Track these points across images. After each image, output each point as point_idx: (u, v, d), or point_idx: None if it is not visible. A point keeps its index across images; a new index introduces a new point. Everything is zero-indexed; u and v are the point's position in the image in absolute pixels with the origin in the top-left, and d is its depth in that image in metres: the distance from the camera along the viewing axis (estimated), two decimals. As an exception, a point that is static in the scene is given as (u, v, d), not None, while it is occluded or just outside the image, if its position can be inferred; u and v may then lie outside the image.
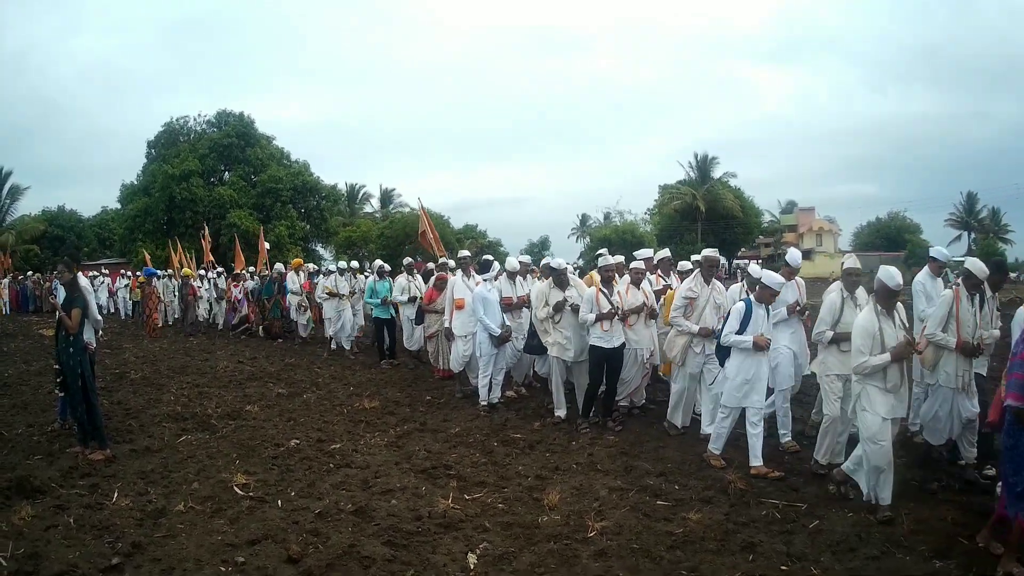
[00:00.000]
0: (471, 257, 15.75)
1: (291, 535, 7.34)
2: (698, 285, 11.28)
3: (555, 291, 12.63)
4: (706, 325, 11.10)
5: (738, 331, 9.71)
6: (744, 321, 9.73)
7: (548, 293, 12.71)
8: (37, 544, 7.03)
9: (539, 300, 12.87)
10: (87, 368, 10.27)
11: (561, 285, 12.65)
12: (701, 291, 11.24)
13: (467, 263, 15.42)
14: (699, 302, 11.22)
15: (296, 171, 65.71)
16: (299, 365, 19.31)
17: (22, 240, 69.31)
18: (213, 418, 12.62)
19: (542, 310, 12.67)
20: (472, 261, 15.70)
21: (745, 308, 9.78)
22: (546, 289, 12.83)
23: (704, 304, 11.20)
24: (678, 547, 7.18)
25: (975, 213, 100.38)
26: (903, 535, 7.43)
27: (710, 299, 11.23)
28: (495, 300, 13.77)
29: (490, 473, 9.59)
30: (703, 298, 11.21)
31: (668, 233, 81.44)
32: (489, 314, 13.48)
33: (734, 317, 9.84)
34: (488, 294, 13.69)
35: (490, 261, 16.22)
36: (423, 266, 20.64)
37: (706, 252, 11.66)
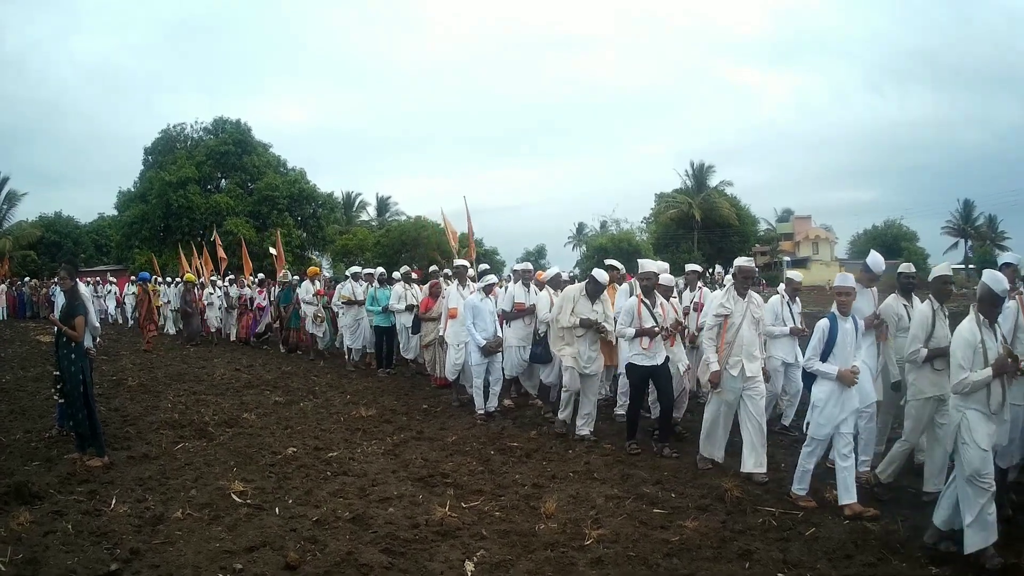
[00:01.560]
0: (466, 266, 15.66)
1: (289, 542, 7.35)
2: (731, 300, 10.11)
3: (584, 301, 12.00)
4: (743, 343, 9.94)
5: (823, 353, 8.72)
6: (829, 341, 8.69)
7: (576, 301, 12.05)
8: (35, 550, 7.05)
9: (567, 304, 12.11)
10: (88, 375, 10.35)
11: (593, 297, 12.02)
12: (735, 306, 10.07)
13: (463, 272, 15.54)
14: (734, 319, 10.03)
15: (293, 179, 65.64)
16: (296, 373, 19.33)
17: (19, 246, 69.26)
18: (210, 426, 12.62)
19: (568, 318, 11.96)
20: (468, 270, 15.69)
21: (829, 325, 8.72)
22: (575, 295, 12.14)
23: (740, 321, 10.01)
24: (675, 555, 7.19)
25: (972, 220, 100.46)
26: (899, 542, 7.48)
27: (747, 314, 10.06)
28: (487, 310, 13.63)
29: (487, 481, 9.60)
30: (738, 314, 10.04)
31: (664, 242, 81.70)
32: (479, 324, 13.43)
33: (817, 337, 8.78)
34: (479, 303, 13.58)
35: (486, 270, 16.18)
36: (421, 274, 20.63)
37: (740, 262, 10.47)
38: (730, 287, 10.35)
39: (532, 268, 15.39)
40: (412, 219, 77.04)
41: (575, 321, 11.87)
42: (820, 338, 8.72)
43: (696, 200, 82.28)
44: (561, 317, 12.12)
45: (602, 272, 12.15)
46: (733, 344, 9.97)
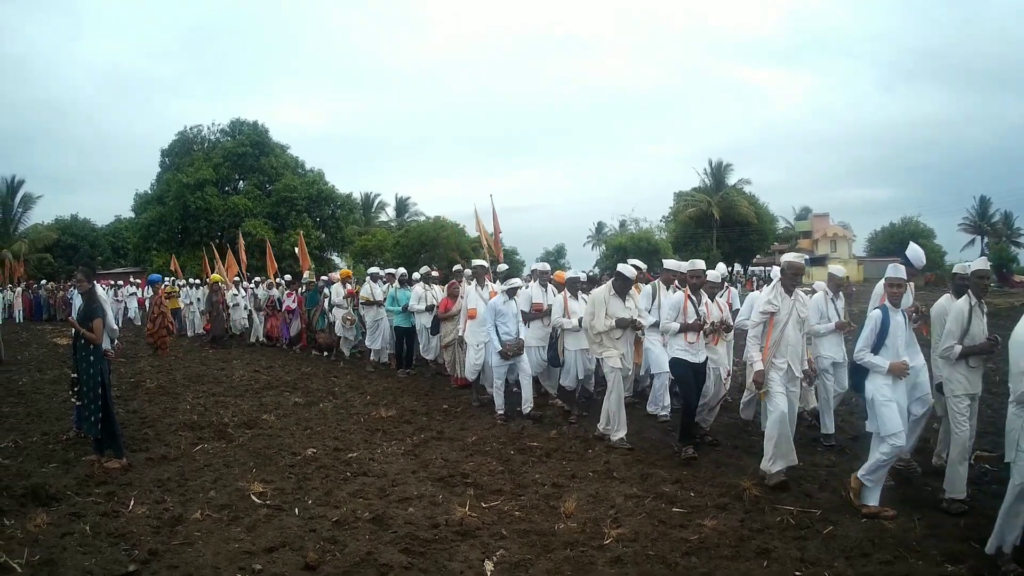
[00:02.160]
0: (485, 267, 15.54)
1: (308, 543, 7.35)
2: (778, 297, 9.65)
3: (615, 300, 11.74)
4: (789, 343, 9.57)
5: (875, 346, 8.48)
6: (881, 333, 8.48)
7: (608, 302, 11.74)
8: (53, 551, 7.05)
9: (598, 308, 11.75)
10: (107, 377, 10.36)
11: (623, 294, 11.78)
12: (782, 303, 9.62)
13: (481, 272, 15.37)
14: (780, 317, 9.60)
15: (311, 180, 65.57)
16: (316, 374, 19.32)
17: (35, 249, 69.53)
18: (229, 427, 12.62)
19: (604, 321, 11.61)
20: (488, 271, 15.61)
21: (881, 317, 8.51)
22: (605, 296, 11.81)
23: (786, 319, 9.59)
24: (693, 553, 7.17)
25: (988, 217, 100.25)
26: (915, 540, 7.46)
27: (793, 312, 9.62)
28: (510, 312, 13.44)
29: (507, 481, 9.58)
30: (784, 312, 9.59)
31: (683, 240, 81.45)
32: (501, 327, 13.35)
33: (868, 329, 8.53)
34: (502, 306, 13.42)
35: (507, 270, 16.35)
36: (441, 274, 20.59)
37: (789, 257, 9.95)
38: (776, 283, 9.89)
39: (550, 268, 15.35)
40: (431, 219, 77.02)
41: (611, 324, 11.59)
42: (872, 329, 8.51)
43: (715, 199, 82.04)
44: (596, 323, 11.72)
45: (628, 266, 12.02)
46: (779, 344, 9.61)
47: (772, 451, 9.35)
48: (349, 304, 21.29)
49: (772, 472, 9.26)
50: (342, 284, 21.89)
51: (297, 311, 24.64)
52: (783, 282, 9.75)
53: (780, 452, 9.33)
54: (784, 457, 9.36)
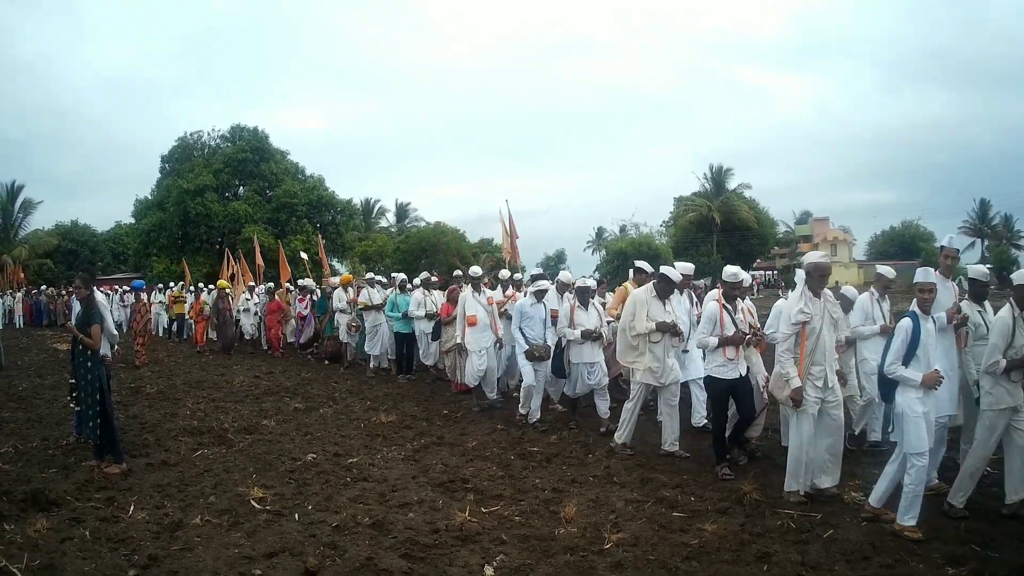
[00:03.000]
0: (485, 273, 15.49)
1: (308, 548, 7.35)
2: (808, 303, 8.83)
3: (656, 303, 11.09)
4: (825, 350, 8.80)
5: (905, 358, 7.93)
6: (912, 343, 7.92)
7: (649, 304, 11.06)
8: (53, 556, 7.06)
9: (639, 309, 11.05)
10: (105, 382, 10.35)
11: (664, 297, 11.16)
12: (813, 309, 8.82)
13: (478, 280, 15.45)
14: (813, 324, 8.79)
15: (311, 186, 65.56)
16: (316, 379, 19.34)
17: (35, 254, 69.59)
18: (229, 432, 12.63)
19: (644, 323, 10.91)
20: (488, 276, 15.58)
21: (912, 325, 7.96)
22: (646, 298, 11.13)
23: (820, 325, 8.81)
24: (694, 558, 7.17)
25: (988, 220, 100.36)
26: (916, 543, 7.45)
27: (825, 316, 8.87)
28: (537, 316, 13.23)
29: (507, 486, 9.59)
30: (817, 317, 8.80)
31: (684, 245, 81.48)
32: (527, 329, 13.19)
33: (899, 340, 7.97)
34: (529, 308, 13.26)
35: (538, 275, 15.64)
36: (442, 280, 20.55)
37: (814, 257, 9.14)
38: (803, 288, 8.99)
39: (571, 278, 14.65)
40: (431, 225, 77.12)
41: (651, 326, 10.89)
42: (903, 340, 7.94)
43: (715, 203, 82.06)
44: (636, 324, 11.04)
45: (673, 269, 11.39)
46: (815, 352, 8.81)
47: (792, 469, 8.90)
48: (353, 310, 21.09)
49: (790, 491, 8.88)
50: (344, 289, 21.71)
51: (310, 317, 24.22)
52: (809, 285, 8.95)
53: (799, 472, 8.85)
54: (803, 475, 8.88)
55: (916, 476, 7.69)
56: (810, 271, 8.95)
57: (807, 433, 8.80)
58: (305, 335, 24.54)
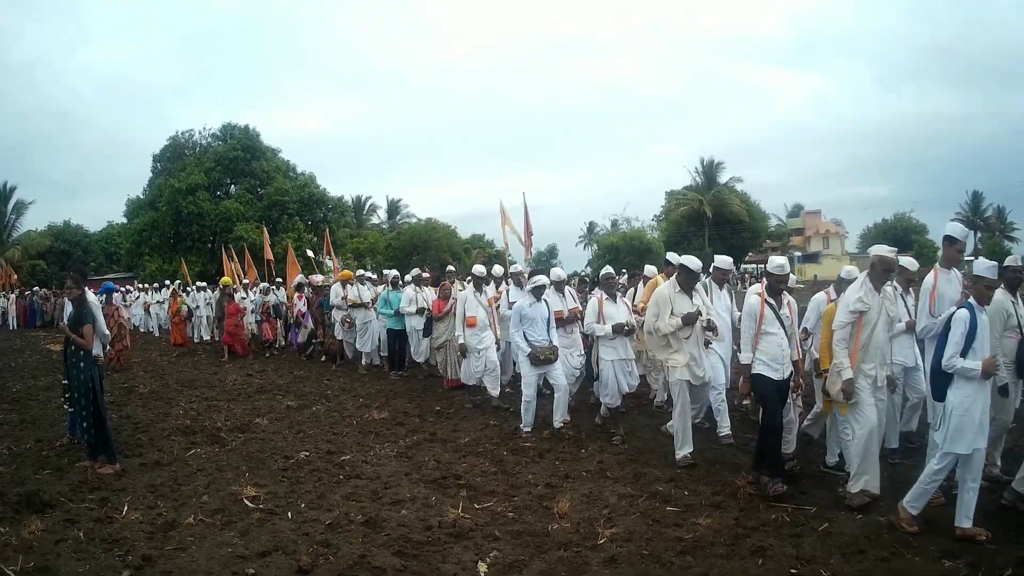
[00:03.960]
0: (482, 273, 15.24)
1: (301, 546, 7.36)
2: (868, 295, 8.52)
3: (681, 297, 10.39)
4: (879, 345, 8.57)
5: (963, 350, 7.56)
6: (970, 336, 7.57)
7: (672, 299, 10.36)
8: (47, 558, 7.07)
9: (663, 307, 10.37)
10: (97, 382, 10.34)
11: (688, 289, 10.44)
12: (872, 301, 8.54)
13: (479, 279, 15.07)
14: (869, 316, 8.51)
15: (302, 183, 65.54)
16: (308, 377, 19.35)
17: (28, 255, 69.57)
18: (222, 431, 12.65)
19: (670, 321, 10.21)
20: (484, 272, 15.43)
21: (969, 317, 7.60)
22: (669, 294, 10.41)
23: (876, 319, 8.54)
24: (688, 552, 7.18)
25: (980, 212, 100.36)
26: (912, 536, 7.44)
27: (882, 311, 8.59)
28: (539, 316, 12.33)
29: (500, 482, 9.59)
30: (875, 311, 8.52)
31: (675, 239, 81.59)
32: (529, 332, 12.28)
33: (958, 333, 7.59)
34: (527, 308, 12.39)
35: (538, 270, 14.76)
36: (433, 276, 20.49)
37: (880, 250, 8.72)
38: (864, 279, 8.68)
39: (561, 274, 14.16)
40: (423, 222, 77.23)
41: (676, 323, 10.17)
42: (962, 332, 7.55)
43: (707, 197, 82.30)
44: (660, 324, 10.30)
45: (693, 258, 10.60)
46: (868, 347, 8.53)
47: (857, 468, 8.45)
48: (347, 306, 20.85)
49: (853, 492, 8.44)
50: (340, 286, 21.37)
51: (308, 315, 23.64)
52: (871, 277, 8.62)
53: (866, 469, 8.42)
54: (870, 474, 8.45)
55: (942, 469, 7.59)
56: (875, 263, 8.65)
57: (871, 422, 8.44)
58: (302, 335, 24.08)
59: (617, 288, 12.86)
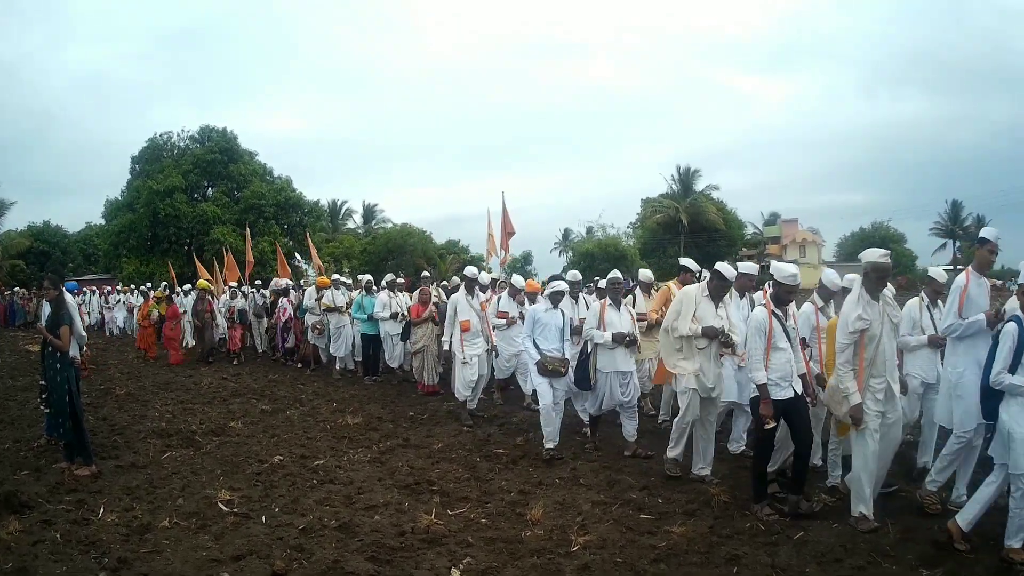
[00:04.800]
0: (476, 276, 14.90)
1: (275, 551, 7.38)
2: (867, 308, 7.93)
3: (707, 304, 9.80)
4: (886, 358, 8.04)
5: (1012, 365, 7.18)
6: (1018, 351, 7.19)
7: (698, 302, 9.79)
8: (24, 559, 7.08)
9: (686, 308, 9.81)
10: (74, 384, 10.36)
11: (717, 298, 9.83)
12: (872, 314, 7.93)
13: (472, 282, 14.69)
14: (873, 331, 7.91)
15: (279, 187, 65.46)
16: (282, 382, 19.34)
17: (8, 255, 69.21)
18: (197, 434, 12.65)
19: (689, 325, 9.68)
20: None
21: (1018, 331, 7.22)
22: (696, 297, 9.84)
23: (880, 331, 7.97)
24: (662, 560, 7.20)
25: (960, 221, 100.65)
26: (889, 544, 7.46)
27: (885, 320, 8.04)
28: (553, 324, 11.55)
29: (473, 488, 9.62)
30: (876, 323, 7.93)
31: (651, 247, 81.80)
32: (541, 340, 11.50)
33: (1006, 348, 7.22)
34: (542, 314, 11.60)
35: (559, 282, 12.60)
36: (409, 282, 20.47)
37: (873, 256, 8.08)
38: (860, 291, 8.06)
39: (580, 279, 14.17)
40: (398, 226, 77.14)
41: (696, 330, 9.64)
42: (1010, 347, 7.19)
43: (683, 204, 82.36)
44: (680, 324, 9.81)
45: (727, 266, 9.99)
46: (875, 361, 8.01)
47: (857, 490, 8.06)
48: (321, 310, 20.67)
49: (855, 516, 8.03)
50: (315, 291, 21.25)
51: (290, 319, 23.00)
52: (867, 286, 8.05)
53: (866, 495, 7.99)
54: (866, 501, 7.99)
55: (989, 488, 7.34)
56: (867, 271, 8.09)
57: (870, 449, 7.98)
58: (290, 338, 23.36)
59: (623, 295, 12.06)
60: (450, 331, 14.26)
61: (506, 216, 21.20)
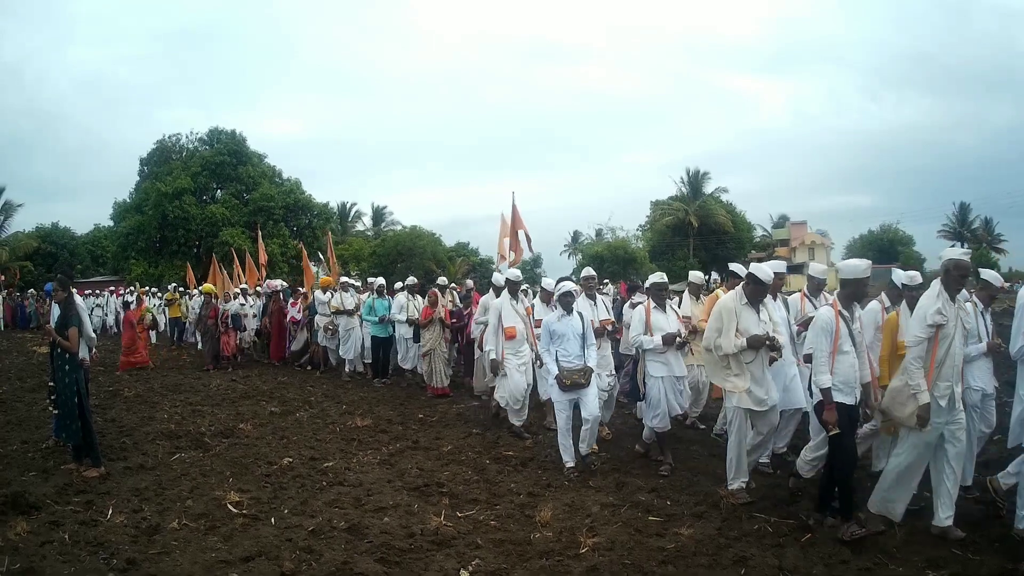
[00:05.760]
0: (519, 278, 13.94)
1: (284, 552, 7.37)
2: (946, 305, 7.65)
3: (747, 312, 9.12)
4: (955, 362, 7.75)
5: None
6: None
7: (738, 312, 9.09)
8: (32, 560, 7.07)
9: (727, 322, 9.08)
10: (82, 385, 10.39)
11: (756, 303, 9.18)
12: (949, 312, 7.67)
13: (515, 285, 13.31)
14: (947, 330, 7.65)
15: (288, 189, 65.73)
16: (292, 384, 19.30)
17: (15, 257, 69.15)
18: (206, 436, 12.63)
19: (734, 341, 8.95)
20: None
21: None
22: (735, 307, 9.13)
23: (953, 332, 7.71)
24: (670, 562, 7.19)
25: (968, 223, 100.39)
26: (896, 546, 7.45)
27: (958, 323, 7.77)
28: (570, 331, 10.70)
29: (482, 490, 9.62)
30: (952, 323, 7.68)
31: (660, 249, 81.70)
32: (563, 349, 10.70)
33: None
34: (556, 323, 10.80)
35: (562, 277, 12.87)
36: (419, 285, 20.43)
37: (953, 255, 7.87)
38: (940, 289, 7.77)
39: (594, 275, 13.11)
40: (408, 229, 77.16)
41: (741, 344, 8.91)
42: None
43: (692, 207, 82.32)
44: (723, 342, 9.05)
45: (763, 268, 9.30)
46: (944, 364, 7.71)
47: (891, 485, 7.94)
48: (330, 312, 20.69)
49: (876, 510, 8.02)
50: (323, 293, 21.29)
51: (303, 322, 22.97)
52: (946, 285, 7.75)
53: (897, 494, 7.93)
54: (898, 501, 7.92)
55: None
56: (948, 269, 7.77)
57: (910, 458, 7.80)
58: (297, 342, 23.44)
59: (668, 296, 11.38)
60: (494, 340, 12.90)
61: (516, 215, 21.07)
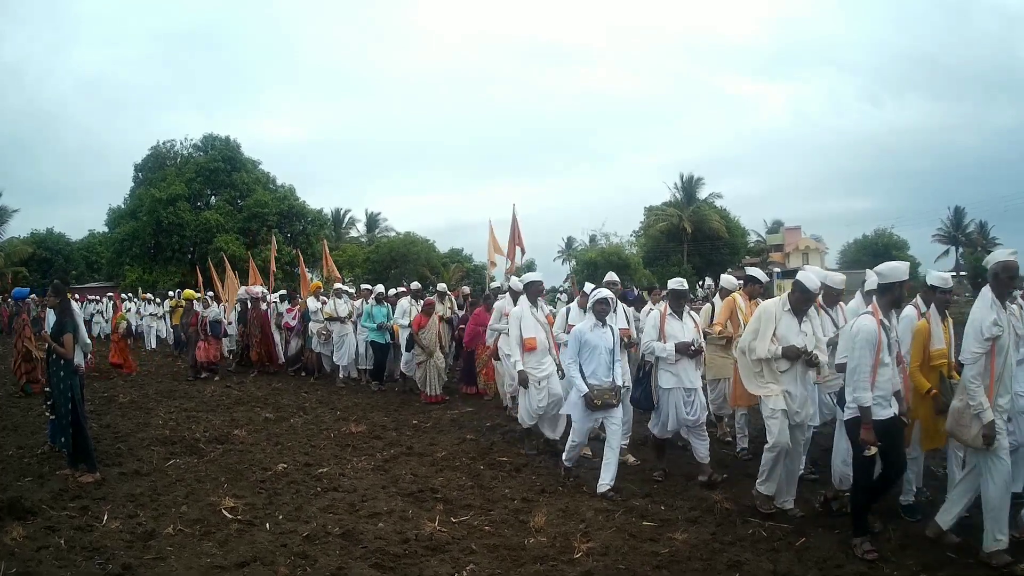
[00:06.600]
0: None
1: (279, 558, 7.38)
2: (999, 314, 7.14)
3: (789, 319, 8.63)
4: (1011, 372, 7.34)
5: None
6: None
7: (778, 319, 8.64)
8: (29, 565, 7.08)
9: (764, 326, 8.67)
10: (77, 391, 10.39)
11: (800, 312, 8.63)
12: (1003, 319, 7.15)
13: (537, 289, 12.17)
14: (1003, 340, 7.14)
15: (282, 196, 65.82)
16: (286, 390, 19.32)
17: (10, 262, 69.20)
18: (201, 442, 12.64)
19: (769, 347, 8.55)
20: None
21: None
22: (776, 312, 8.69)
23: (1007, 342, 7.22)
24: (664, 567, 7.20)
25: (963, 228, 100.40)
26: (891, 551, 7.47)
27: (1010, 329, 7.27)
28: (603, 343, 10.01)
29: (476, 496, 9.62)
30: (1006, 332, 7.17)
31: (654, 255, 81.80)
32: (590, 364, 10.00)
33: None
34: (589, 333, 10.04)
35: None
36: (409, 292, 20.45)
37: (1002, 256, 7.33)
38: (991, 297, 7.27)
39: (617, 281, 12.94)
40: (402, 235, 77.29)
41: (776, 351, 8.49)
42: None
43: (686, 213, 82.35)
44: (758, 346, 8.65)
45: (810, 275, 8.72)
46: (1003, 375, 7.29)
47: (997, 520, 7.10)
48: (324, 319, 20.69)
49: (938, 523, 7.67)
50: (315, 298, 21.34)
51: (298, 328, 22.70)
52: (995, 290, 7.27)
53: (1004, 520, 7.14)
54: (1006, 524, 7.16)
55: None
56: (997, 272, 7.27)
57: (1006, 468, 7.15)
58: (292, 348, 23.22)
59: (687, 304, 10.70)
60: (518, 351, 11.65)
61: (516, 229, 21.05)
